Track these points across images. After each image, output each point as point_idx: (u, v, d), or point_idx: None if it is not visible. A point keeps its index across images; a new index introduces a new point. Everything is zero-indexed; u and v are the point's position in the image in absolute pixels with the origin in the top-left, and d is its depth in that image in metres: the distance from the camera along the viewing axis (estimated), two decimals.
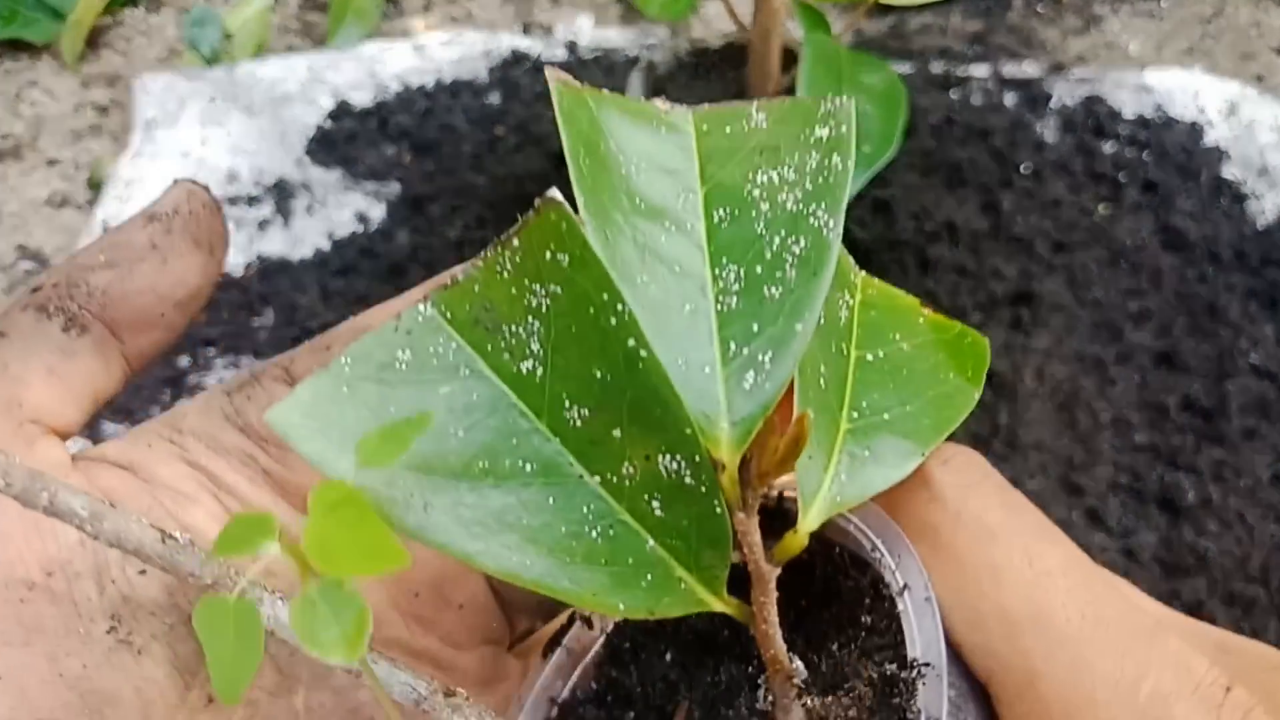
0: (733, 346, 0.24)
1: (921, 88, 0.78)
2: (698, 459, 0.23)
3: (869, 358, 0.27)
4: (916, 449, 0.26)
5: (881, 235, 0.70)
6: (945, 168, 0.74)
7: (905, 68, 0.80)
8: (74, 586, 0.25)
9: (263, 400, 0.29)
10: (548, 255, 0.22)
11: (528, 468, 0.23)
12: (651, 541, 0.23)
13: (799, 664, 0.25)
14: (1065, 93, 0.79)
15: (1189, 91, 0.78)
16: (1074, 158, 0.74)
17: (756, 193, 0.25)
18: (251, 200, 0.76)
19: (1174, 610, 0.30)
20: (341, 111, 0.81)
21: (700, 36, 0.68)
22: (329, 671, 0.29)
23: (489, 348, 0.23)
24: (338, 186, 0.77)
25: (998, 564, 0.26)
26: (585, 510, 0.23)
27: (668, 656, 0.29)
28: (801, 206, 0.24)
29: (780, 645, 0.24)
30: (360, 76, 0.83)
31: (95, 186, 0.78)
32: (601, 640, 0.30)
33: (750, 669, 0.27)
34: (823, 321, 0.25)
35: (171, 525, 0.26)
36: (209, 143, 0.79)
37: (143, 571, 0.26)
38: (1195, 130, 0.76)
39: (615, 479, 0.23)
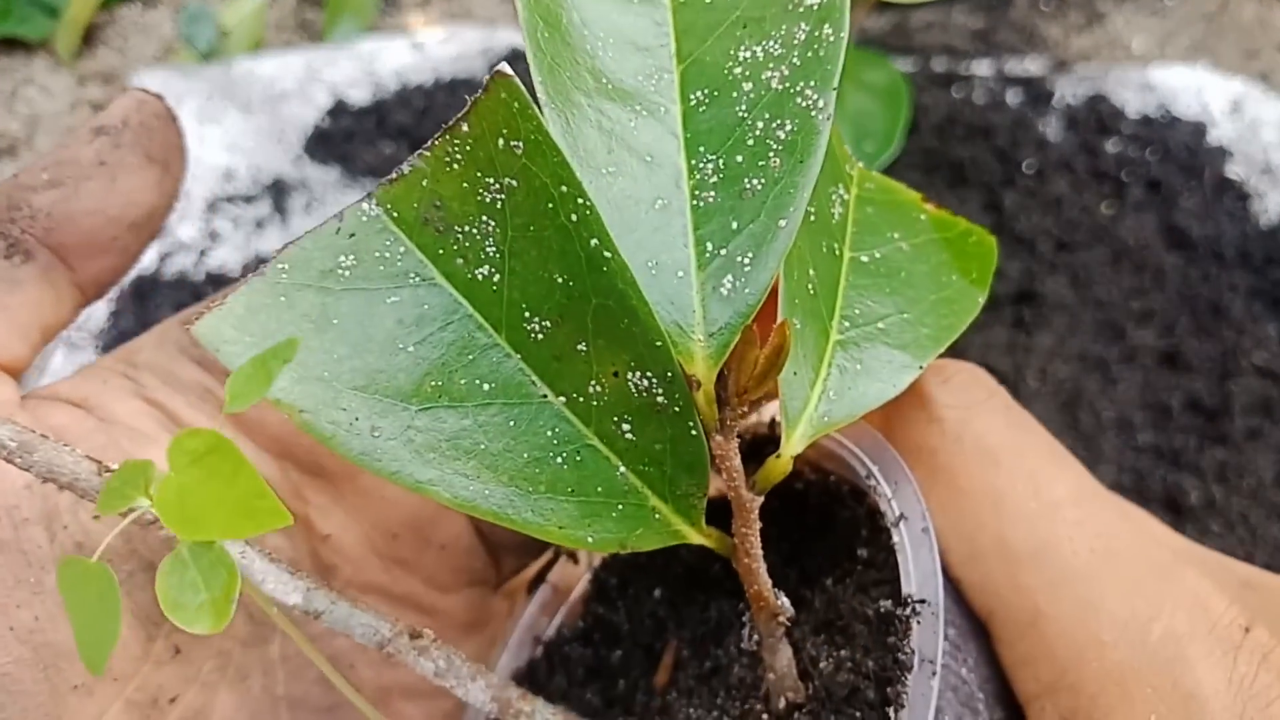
0: (709, 247, 0.21)
1: (924, 85, 0.79)
2: (670, 375, 0.21)
3: (864, 259, 0.25)
4: (913, 361, 0.24)
5: None
6: (947, 166, 0.74)
7: (907, 65, 0.80)
8: (21, 534, 0.24)
9: None
10: (500, 143, 0.20)
11: (485, 387, 0.21)
12: (622, 467, 0.21)
13: (784, 600, 0.23)
14: (1068, 90, 0.79)
15: (1192, 89, 0.78)
16: (1077, 156, 0.74)
17: (739, 71, 0.22)
18: (249, 199, 0.76)
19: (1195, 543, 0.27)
20: (339, 109, 0.81)
21: None
22: (306, 618, 0.27)
23: (440, 251, 0.21)
24: (336, 185, 0.77)
25: (1000, 492, 0.24)
26: (550, 434, 0.21)
27: (656, 593, 0.28)
28: (788, 85, 0.22)
29: (765, 580, 0.22)
30: (358, 74, 0.83)
31: None
32: (588, 576, 0.29)
33: (743, 605, 0.25)
34: (813, 218, 0.23)
35: None
36: (206, 141, 0.79)
37: (97, 517, 0.24)
38: (1199, 128, 0.76)
39: (581, 399, 0.21)
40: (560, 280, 0.20)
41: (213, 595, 0.18)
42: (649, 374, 0.21)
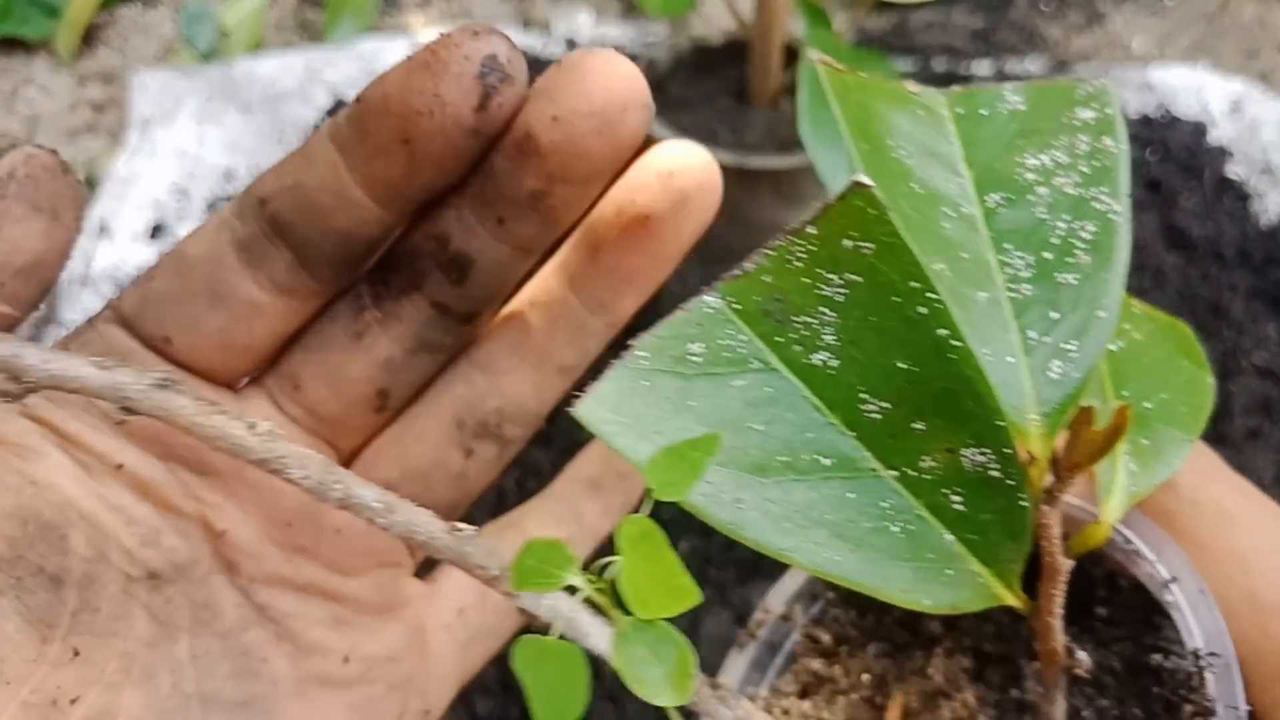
0: (1032, 335, 0.24)
1: (924, 85, 0.79)
2: (1008, 452, 0.22)
3: (1112, 348, 0.27)
4: (1186, 436, 0.26)
5: None
6: None
7: (908, 65, 0.80)
8: None
9: (96, 345, 0.28)
10: (847, 243, 0.22)
11: (826, 462, 0.23)
12: (949, 535, 0.23)
13: (1082, 654, 0.25)
14: None
15: (1192, 89, 0.78)
16: None
17: (1030, 177, 0.25)
18: None
19: None
20: (339, 109, 0.82)
21: (701, 34, 0.69)
22: (213, 616, 0.28)
23: (779, 339, 0.23)
24: None
25: (1241, 550, 0.26)
26: (884, 505, 0.23)
27: (871, 649, 0.29)
28: (1082, 190, 0.24)
29: (1061, 638, 0.24)
30: (357, 74, 0.83)
31: (91, 185, 0.78)
32: (798, 633, 0.30)
33: (969, 661, 0.27)
34: None
35: (21, 481, 0.25)
36: (206, 141, 0.79)
37: None
38: (1199, 128, 0.76)
39: (913, 472, 0.23)
40: (903, 366, 0.22)
41: (668, 669, 0.19)
42: (985, 450, 0.23)
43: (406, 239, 0.29)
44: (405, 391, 0.31)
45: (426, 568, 0.34)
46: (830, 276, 0.22)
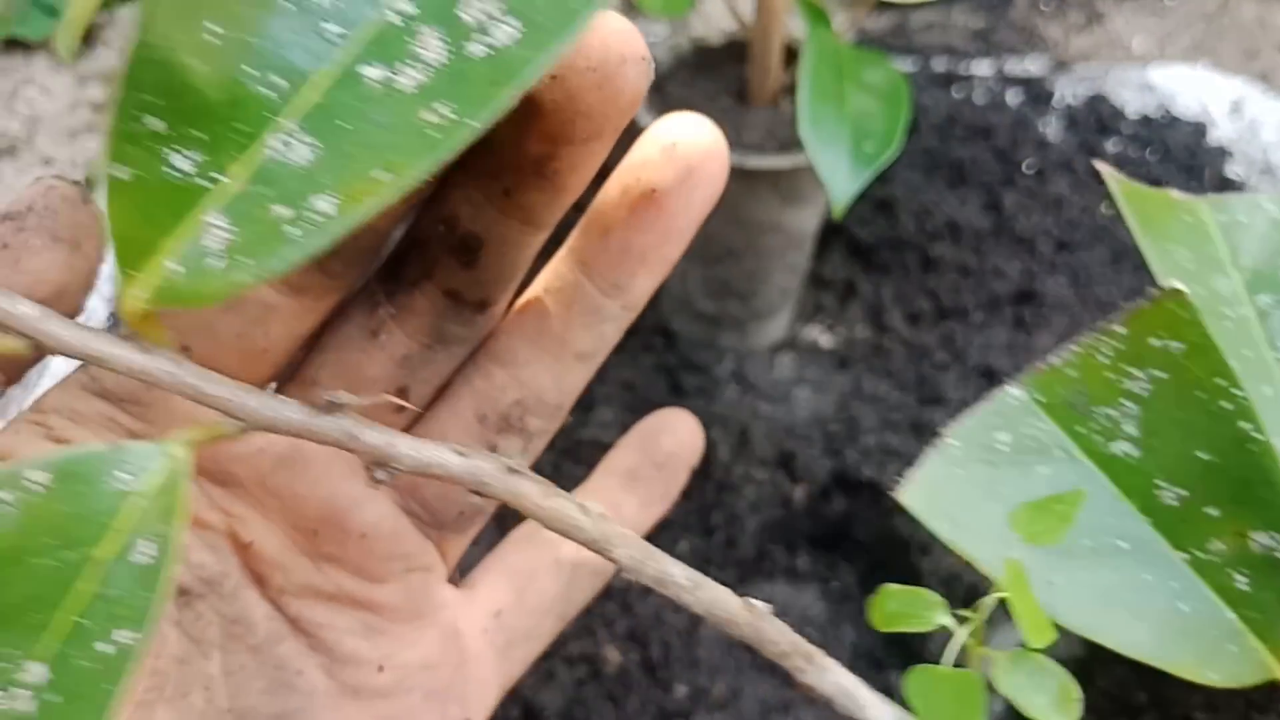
0: None
1: (924, 85, 0.79)
2: None
3: None
4: None
5: (883, 234, 0.70)
6: (947, 166, 0.74)
7: (907, 65, 0.80)
8: None
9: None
10: (1155, 342, 0.24)
11: (1123, 546, 0.25)
12: (1232, 614, 0.25)
13: None
14: (1068, 90, 0.79)
15: (1192, 89, 0.78)
16: (1077, 156, 0.75)
17: None
18: None
19: None
20: None
21: (700, 34, 0.69)
22: (245, 630, 0.28)
23: (1080, 430, 0.25)
24: None
25: None
26: (1174, 585, 0.25)
27: None
28: None
29: None
30: None
31: (92, 185, 0.78)
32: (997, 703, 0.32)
33: None
34: None
35: None
36: None
37: None
38: (1199, 128, 0.76)
39: (1202, 555, 0.25)
40: (1203, 457, 0.24)
41: (1051, 696, 0.22)
42: (1276, 534, 0.25)
43: (416, 228, 0.29)
44: (425, 390, 0.31)
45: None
46: (1134, 372, 0.24)
